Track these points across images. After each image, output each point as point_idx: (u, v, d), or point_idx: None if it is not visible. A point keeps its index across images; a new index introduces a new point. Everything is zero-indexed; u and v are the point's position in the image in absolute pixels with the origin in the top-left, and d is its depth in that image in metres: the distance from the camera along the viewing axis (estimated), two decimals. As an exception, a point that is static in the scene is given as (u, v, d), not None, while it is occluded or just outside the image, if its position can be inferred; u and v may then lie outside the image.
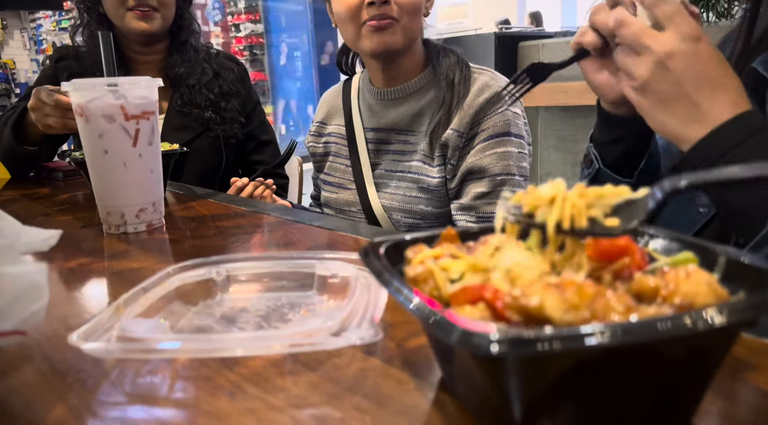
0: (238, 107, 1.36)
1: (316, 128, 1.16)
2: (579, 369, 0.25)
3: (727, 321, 0.23)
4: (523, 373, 0.25)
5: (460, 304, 0.29)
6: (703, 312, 0.24)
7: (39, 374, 0.38)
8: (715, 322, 0.23)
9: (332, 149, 1.11)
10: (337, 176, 1.09)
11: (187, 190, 1.07)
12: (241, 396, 0.34)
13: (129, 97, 0.70)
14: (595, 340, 0.23)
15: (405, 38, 0.93)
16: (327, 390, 0.34)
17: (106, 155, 0.71)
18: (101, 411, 0.34)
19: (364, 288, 0.44)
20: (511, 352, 0.23)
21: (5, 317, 0.32)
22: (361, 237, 0.69)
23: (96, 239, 0.74)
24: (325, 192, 1.12)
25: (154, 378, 0.37)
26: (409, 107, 0.99)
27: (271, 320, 0.45)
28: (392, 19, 0.91)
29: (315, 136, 1.16)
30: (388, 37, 0.92)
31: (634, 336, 0.23)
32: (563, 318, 0.26)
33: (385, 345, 0.40)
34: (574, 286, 0.27)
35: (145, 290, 0.45)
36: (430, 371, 0.36)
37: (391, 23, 0.91)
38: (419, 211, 0.95)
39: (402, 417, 0.31)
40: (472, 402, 0.31)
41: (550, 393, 0.26)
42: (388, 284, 0.30)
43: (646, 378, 0.26)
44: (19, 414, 0.34)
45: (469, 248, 0.35)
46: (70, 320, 0.49)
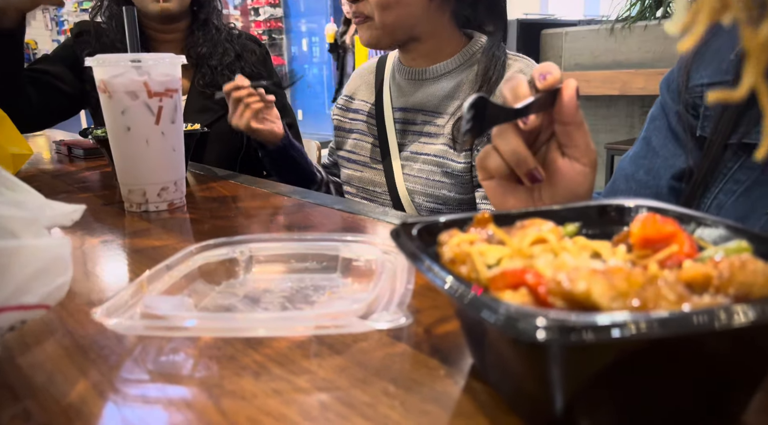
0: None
1: (344, 102, 1.14)
2: (628, 361, 0.24)
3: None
4: (569, 363, 0.24)
5: (499, 289, 0.27)
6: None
7: (61, 348, 0.38)
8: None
9: (358, 126, 1.08)
10: (363, 155, 1.06)
11: (208, 171, 1.07)
12: (267, 376, 0.33)
13: (152, 74, 0.69)
14: (656, 330, 0.21)
15: (385, 33, 0.92)
16: (354, 374, 0.34)
17: (128, 132, 0.70)
18: (124, 388, 0.33)
19: (390, 273, 0.43)
20: (559, 339, 0.22)
21: (29, 290, 0.32)
22: (383, 221, 0.68)
23: (117, 217, 0.74)
24: (347, 170, 1.10)
25: (177, 356, 0.36)
26: (438, 88, 0.97)
27: (296, 301, 0.44)
28: (365, 16, 0.92)
29: (342, 110, 1.14)
30: (365, 33, 0.94)
31: (701, 327, 0.21)
32: (610, 306, 0.25)
33: (413, 331, 0.39)
34: (623, 272, 0.26)
35: (169, 268, 0.44)
36: (461, 357, 0.35)
37: (365, 20, 0.92)
38: (442, 196, 0.93)
39: (433, 404, 0.30)
40: (507, 391, 0.30)
41: (596, 386, 0.25)
42: (421, 265, 0.29)
43: (697, 373, 0.25)
44: (41, 387, 0.33)
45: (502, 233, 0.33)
46: (91, 296, 0.48)
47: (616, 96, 2.66)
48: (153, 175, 0.73)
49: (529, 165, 0.48)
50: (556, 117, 0.48)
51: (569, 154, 0.49)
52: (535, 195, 0.51)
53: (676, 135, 0.63)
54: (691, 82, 0.60)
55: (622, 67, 2.62)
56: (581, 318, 0.22)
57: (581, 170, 0.49)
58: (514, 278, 0.27)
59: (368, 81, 1.10)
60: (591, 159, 0.49)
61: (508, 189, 0.52)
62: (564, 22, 3.31)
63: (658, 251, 0.30)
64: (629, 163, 0.68)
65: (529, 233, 0.32)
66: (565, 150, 0.49)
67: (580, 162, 0.49)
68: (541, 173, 0.48)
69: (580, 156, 0.49)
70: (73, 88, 1.30)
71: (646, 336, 0.22)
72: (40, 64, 1.30)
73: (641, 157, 0.67)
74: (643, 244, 0.31)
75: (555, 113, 0.48)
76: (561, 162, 0.49)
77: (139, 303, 0.39)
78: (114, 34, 1.27)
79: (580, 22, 3.26)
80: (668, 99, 0.64)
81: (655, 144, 0.65)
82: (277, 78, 1.44)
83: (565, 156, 0.49)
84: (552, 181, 0.50)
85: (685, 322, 0.22)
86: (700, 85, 0.59)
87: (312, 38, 6.83)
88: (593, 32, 2.75)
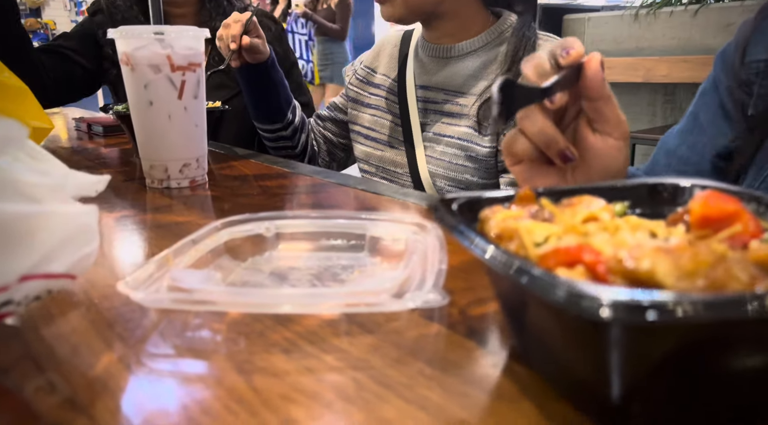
0: None
1: (365, 74, 1.10)
2: (697, 347, 0.22)
3: None
4: (633, 345, 0.22)
5: (551, 267, 0.26)
6: None
7: (87, 321, 0.37)
8: None
9: (378, 102, 1.05)
10: (384, 133, 1.03)
11: (227, 150, 1.06)
12: (298, 353, 0.32)
13: (176, 47, 0.67)
14: (735, 313, 0.19)
15: (408, 11, 0.90)
16: (388, 354, 0.32)
17: (150, 106, 0.69)
18: (151, 363, 0.32)
19: (421, 252, 0.42)
20: (628, 319, 0.20)
21: (56, 258, 0.31)
22: (409, 202, 0.67)
23: (138, 192, 0.73)
24: (364, 147, 1.07)
25: (204, 331, 0.35)
26: (463, 67, 0.93)
27: (324, 279, 0.42)
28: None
29: (362, 82, 1.10)
30: (386, 9, 0.92)
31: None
32: (676, 286, 0.23)
33: (447, 312, 0.37)
34: (690, 251, 0.24)
35: (194, 243, 0.43)
36: (499, 339, 0.33)
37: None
38: (464, 180, 0.91)
39: (473, 386, 0.29)
40: (554, 376, 0.28)
41: (658, 373, 0.23)
42: (465, 238, 0.27)
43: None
44: (65, 359, 0.32)
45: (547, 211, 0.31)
46: (114, 268, 0.47)
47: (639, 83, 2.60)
48: (175, 151, 0.71)
49: (559, 145, 0.46)
50: (583, 93, 0.46)
51: (600, 129, 0.47)
52: (568, 176, 0.49)
53: (725, 112, 0.61)
54: (748, 57, 0.58)
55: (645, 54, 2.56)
56: (652, 297, 0.20)
57: (614, 145, 0.47)
58: (568, 256, 0.25)
59: (392, 54, 1.06)
60: (623, 132, 0.47)
61: (538, 172, 0.50)
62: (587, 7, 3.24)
63: (718, 232, 0.28)
64: (674, 137, 0.66)
65: (580, 210, 0.30)
66: (595, 126, 0.47)
67: (612, 136, 0.47)
68: (573, 152, 0.46)
69: (611, 130, 0.47)
70: (91, 63, 1.30)
71: (723, 320, 0.20)
72: (59, 40, 1.31)
73: (687, 132, 0.64)
74: (702, 223, 0.29)
75: (581, 88, 0.46)
76: (592, 138, 0.47)
77: (164, 277, 0.38)
78: (127, 12, 1.26)
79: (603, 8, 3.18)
80: (722, 74, 0.62)
81: (702, 120, 0.63)
82: (293, 56, 1.42)
83: (596, 132, 0.47)
84: (584, 159, 0.48)
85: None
86: (757, 61, 0.57)
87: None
88: (617, 18, 2.69)
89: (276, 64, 1.09)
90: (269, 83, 1.08)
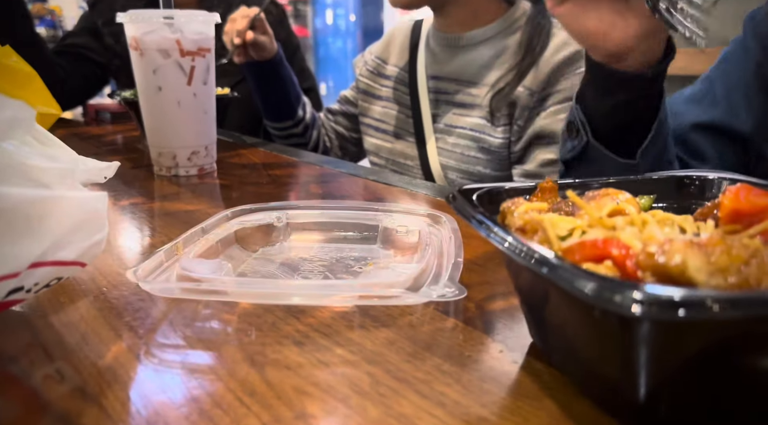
0: None
1: (376, 65, 1.08)
2: (732, 345, 0.21)
3: None
4: (663, 343, 0.21)
5: (576, 261, 0.25)
6: None
7: (96, 309, 0.36)
8: None
9: (388, 94, 1.03)
10: (394, 124, 1.02)
11: (236, 138, 1.05)
12: (311, 346, 0.31)
13: (185, 32, 0.66)
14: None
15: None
16: (404, 348, 0.31)
17: (159, 92, 0.68)
18: (160, 353, 0.31)
19: (436, 245, 0.41)
20: (660, 315, 0.19)
21: (66, 245, 0.30)
22: (422, 193, 0.66)
23: (146, 180, 0.72)
24: (375, 139, 1.05)
25: (215, 322, 0.35)
26: (475, 56, 0.92)
27: (336, 271, 0.42)
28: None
29: (373, 73, 1.08)
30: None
31: None
32: (708, 283, 0.22)
33: (463, 306, 0.37)
34: (723, 245, 0.23)
35: (204, 232, 0.43)
36: (518, 335, 0.32)
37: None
38: (476, 172, 0.89)
39: (493, 383, 0.28)
40: (577, 373, 0.27)
41: (688, 373, 0.22)
42: (484, 228, 0.27)
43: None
44: (75, 348, 0.32)
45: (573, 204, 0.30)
46: (123, 257, 0.47)
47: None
48: (184, 138, 0.71)
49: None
50: None
51: None
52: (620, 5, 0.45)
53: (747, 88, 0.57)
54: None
55: (659, 47, 2.53)
56: (684, 293, 0.19)
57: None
58: (595, 250, 0.24)
59: (402, 44, 1.04)
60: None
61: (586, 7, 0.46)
62: None
63: (748, 227, 0.27)
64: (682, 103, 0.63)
65: (605, 203, 0.29)
66: None
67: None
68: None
69: None
70: (101, 56, 1.30)
71: (756, 317, 0.19)
72: (67, 39, 1.31)
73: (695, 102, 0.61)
74: (733, 218, 0.27)
75: None
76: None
77: (174, 266, 0.37)
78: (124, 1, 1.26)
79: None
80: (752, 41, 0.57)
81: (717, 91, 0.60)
82: (295, 39, 1.40)
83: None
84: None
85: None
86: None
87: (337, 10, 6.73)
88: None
89: (284, 61, 1.07)
90: (277, 80, 1.07)
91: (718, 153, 0.61)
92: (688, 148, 0.62)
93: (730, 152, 0.61)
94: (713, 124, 0.61)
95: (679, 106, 0.63)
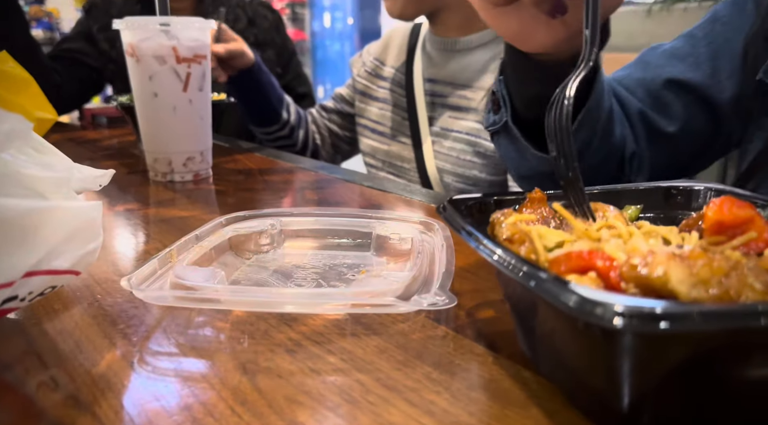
0: (274, 58, 1.32)
1: (374, 67, 1.08)
2: (713, 357, 0.22)
3: None
4: (645, 354, 0.22)
5: (562, 273, 0.25)
6: None
7: (90, 317, 0.36)
8: None
9: (385, 95, 1.04)
10: (390, 126, 1.02)
11: (232, 143, 1.05)
12: (303, 354, 0.32)
13: (181, 39, 0.67)
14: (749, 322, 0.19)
15: (409, 3, 0.90)
16: (394, 356, 0.32)
17: (155, 98, 0.69)
18: (154, 361, 0.32)
19: (428, 253, 0.41)
20: (640, 327, 0.20)
21: (60, 254, 0.30)
22: (416, 200, 0.66)
23: (142, 185, 0.73)
24: (371, 141, 1.06)
25: (208, 329, 0.35)
26: (471, 61, 0.93)
27: (329, 278, 0.42)
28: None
29: (371, 75, 1.08)
30: (389, 4, 0.92)
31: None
32: (690, 294, 0.23)
33: (454, 314, 0.37)
34: (705, 258, 0.23)
35: (198, 239, 0.43)
36: (508, 344, 0.33)
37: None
38: (472, 177, 0.90)
39: (481, 392, 0.28)
40: (565, 383, 0.28)
41: (671, 383, 0.22)
42: (473, 239, 0.27)
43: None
44: (69, 356, 0.32)
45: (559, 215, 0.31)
46: (118, 264, 0.47)
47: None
48: (179, 144, 0.71)
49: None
50: None
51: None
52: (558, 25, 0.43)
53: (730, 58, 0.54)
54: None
55: (656, 51, 2.54)
56: (665, 306, 0.20)
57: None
58: (580, 261, 0.25)
59: (400, 46, 1.05)
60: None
61: (507, 9, 0.42)
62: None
63: (732, 239, 0.28)
64: (659, 57, 0.60)
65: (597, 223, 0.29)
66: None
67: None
68: None
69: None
70: (96, 61, 1.30)
71: (735, 330, 0.20)
72: (63, 44, 1.31)
73: (677, 59, 0.58)
74: (716, 229, 0.28)
75: None
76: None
77: (168, 273, 0.38)
78: (122, 5, 1.26)
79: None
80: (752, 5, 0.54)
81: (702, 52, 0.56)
82: (291, 45, 1.41)
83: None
84: None
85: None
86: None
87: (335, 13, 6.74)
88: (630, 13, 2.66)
89: (262, 66, 1.06)
90: (258, 87, 1.06)
91: (688, 115, 0.58)
92: (659, 102, 0.59)
93: (701, 118, 0.58)
94: (690, 84, 0.57)
95: (657, 58, 0.61)
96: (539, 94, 0.49)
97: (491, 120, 0.57)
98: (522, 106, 0.52)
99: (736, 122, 0.57)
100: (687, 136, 0.58)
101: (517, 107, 0.53)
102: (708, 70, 0.56)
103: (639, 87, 0.60)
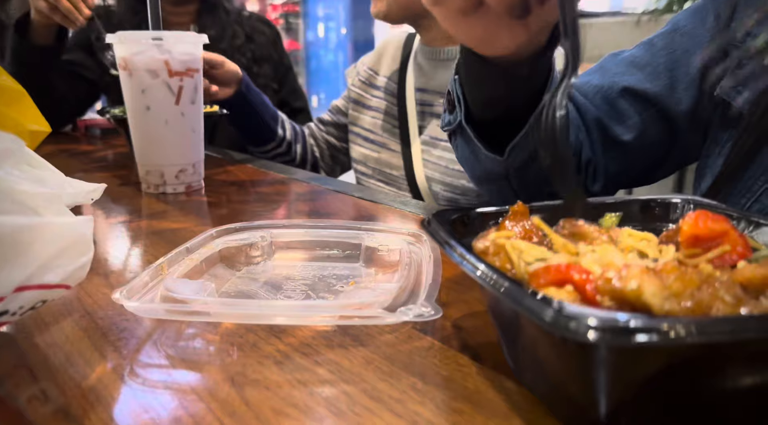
0: (271, 73, 1.33)
1: (368, 76, 1.10)
2: (682, 369, 0.22)
3: None
4: (619, 367, 0.22)
5: (540, 286, 0.26)
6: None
7: (80, 329, 0.37)
8: None
9: (378, 104, 1.05)
10: (381, 135, 1.03)
11: (225, 154, 1.06)
12: (291, 366, 0.32)
13: (174, 53, 0.68)
14: (717, 334, 0.20)
15: (395, 6, 0.91)
16: (380, 367, 0.32)
17: (148, 111, 0.69)
18: (145, 373, 0.32)
19: (416, 264, 0.42)
20: (613, 341, 0.20)
21: (51, 269, 0.31)
22: (406, 211, 0.67)
23: (134, 197, 0.73)
24: (363, 148, 1.07)
25: (198, 341, 0.35)
26: None
27: (318, 290, 0.43)
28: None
29: (365, 84, 1.10)
30: (375, 5, 0.93)
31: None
32: (662, 307, 0.23)
33: (440, 325, 0.38)
34: (677, 271, 0.24)
35: (189, 251, 0.43)
36: (492, 354, 0.34)
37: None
38: (460, 186, 0.91)
39: (465, 402, 0.29)
40: (545, 393, 0.28)
41: (645, 393, 0.23)
42: (456, 254, 0.28)
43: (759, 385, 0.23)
44: (59, 368, 0.33)
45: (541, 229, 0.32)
46: (109, 277, 0.47)
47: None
48: (172, 156, 0.72)
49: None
50: None
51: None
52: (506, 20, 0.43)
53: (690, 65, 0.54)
54: (737, 15, 0.50)
55: (644, 61, 2.57)
56: (637, 320, 0.20)
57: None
58: (558, 274, 0.26)
59: (394, 56, 1.07)
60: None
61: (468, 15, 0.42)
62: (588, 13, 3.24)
63: (707, 251, 0.29)
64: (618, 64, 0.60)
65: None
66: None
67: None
68: None
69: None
70: (93, 73, 1.30)
71: (706, 341, 0.20)
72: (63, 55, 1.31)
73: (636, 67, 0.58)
74: (692, 242, 0.29)
75: None
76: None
77: (158, 286, 0.38)
78: (123, 16, 1.26)
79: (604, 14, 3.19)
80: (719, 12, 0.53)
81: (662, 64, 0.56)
82: (288, 60, 1.42)
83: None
84: None
85: (751, 326, 0.20)
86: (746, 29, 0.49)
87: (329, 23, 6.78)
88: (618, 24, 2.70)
89: (251, 86, 1.05)
90: (250, 108, 1.05)
91: (644, 124, 0.57)
92: (615, 110, 0.58)
93: (657, 128, 0.57)
94: (647, 94, 0.57)
95: (616, 66, 0.60)
96: (493, 95, 0.49)
97: (446, 120, 0.57)
98: (476, 106, 0.52)
99: (693, 134, 0.57)
100: (643, 145, 0.58)
101: (471, 107, 0.53)
102: (666, 80, 0.56)
103: (597, 94, 0.60)
